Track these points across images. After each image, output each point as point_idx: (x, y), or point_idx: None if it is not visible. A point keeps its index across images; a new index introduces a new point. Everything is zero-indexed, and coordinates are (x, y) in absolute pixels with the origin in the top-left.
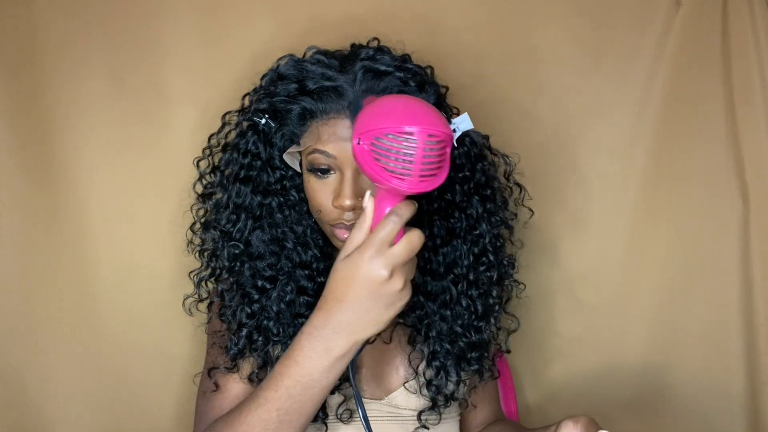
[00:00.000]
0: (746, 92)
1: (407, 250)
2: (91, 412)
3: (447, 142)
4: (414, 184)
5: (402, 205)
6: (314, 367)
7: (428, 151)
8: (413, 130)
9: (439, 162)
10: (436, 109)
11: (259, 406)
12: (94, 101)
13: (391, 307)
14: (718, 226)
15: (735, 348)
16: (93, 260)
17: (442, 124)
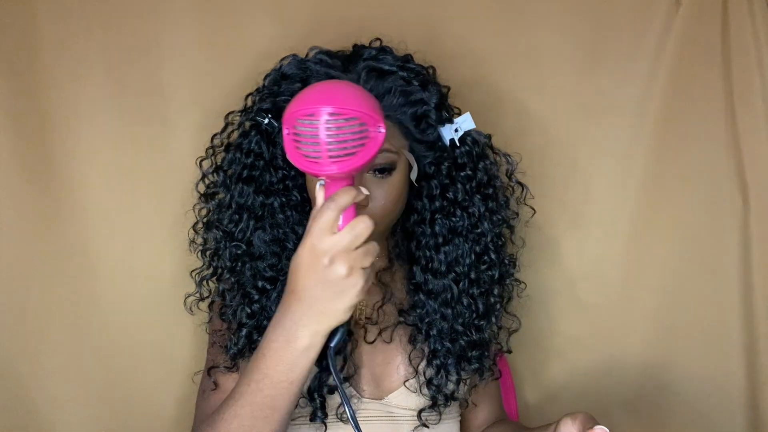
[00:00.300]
0: (746, 92)
1: (349, 237)
2: (91, 411)
3: (365, 119)
4: (326, 166)
5: (340, 191)
6: (280, 359)
7: (333, 130)
8: (313, 110)
9: (356, 140)
10: (359, 89)
11: (234, 402)
12: (94, 101)
13: (343, 295)
14: (718, 226)
15: (735, 348)
16: (93, 260)
17: (354, 103)
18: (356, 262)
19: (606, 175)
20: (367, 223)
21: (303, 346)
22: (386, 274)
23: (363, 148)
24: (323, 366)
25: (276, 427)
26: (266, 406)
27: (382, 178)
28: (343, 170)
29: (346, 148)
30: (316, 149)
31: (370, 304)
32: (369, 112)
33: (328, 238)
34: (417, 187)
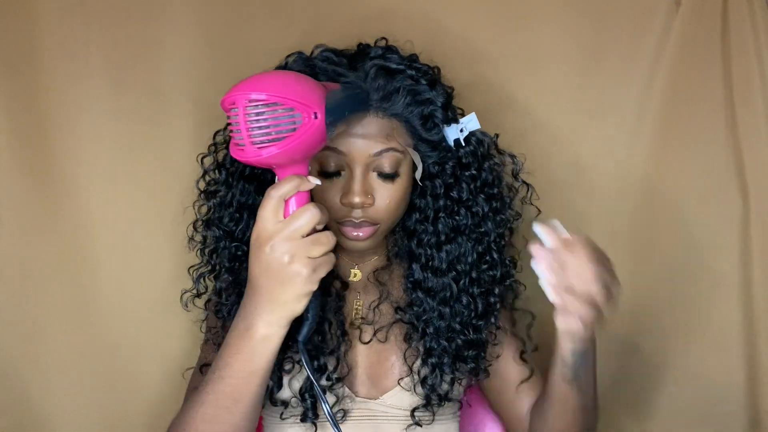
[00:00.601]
0: (746, 92)
1: (293, 225)
2: (90, 411)
3: (293, 105)
4: (252, 153)
5: (283, 180)
6: (239, 349)
7: (252, 117)
8: (234, 99)
9: (278, 127)
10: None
11: (201, 390)
12: (94, 101)
13: (287, 284)
14: (718, 226)
15: (735, 348)
16: (92, 260)
17: (278, 88)
18: (300, 251)
19: (606, 176)
20: (312, 212)
21: (260, 336)
22: (384, 273)
23: (293, 133)
24: (315, 366)
25: (238, 419)
26: (228, 396)
27: (387, 177)
28: (270, 156)
29: (270, 134)
30: (241, 136)
31: (367, 304)
32: (298, 99)
33: (270, 225)
34: (420, 186)
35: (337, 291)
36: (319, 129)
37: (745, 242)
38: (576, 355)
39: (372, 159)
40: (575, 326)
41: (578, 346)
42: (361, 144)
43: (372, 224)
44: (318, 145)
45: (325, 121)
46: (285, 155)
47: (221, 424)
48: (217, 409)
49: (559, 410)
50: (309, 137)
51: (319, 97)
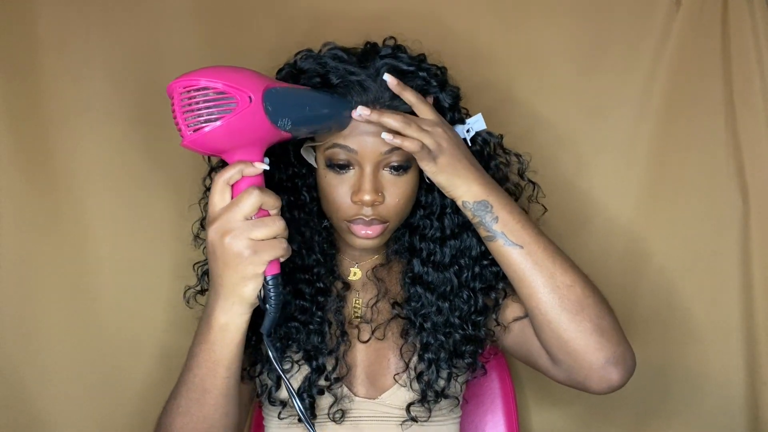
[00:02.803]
0: (746, 92)
1: (234, 208)
2: (91, 411)
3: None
4: (188, 138)
5: (227, 167)
6: (202, 339)
7: (186, 101)
8: (169, 89)
9: (210, 109)
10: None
11: (176, 382)
12: (94, 101)
13: (231, 266)
14: (718, 226)
15: (735, 348)
16: (92, 260)
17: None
18: (240, 232)
19: (606, 175)
20: (254, 194)
21: (218, 325)
22: (382, 270)
23: (230, 114)
24: (314, 367)
25: (210, 411)
26: (196, 387)
27: (398, 175)
28: (206, 138)
29: (201, 116)
30: (178, 123)
31: (365, 302)
32: (230, 83)
33: (216, 210)
34: (427, 183)
35: (338, 291)
36: (255, 112)
37: (745, 242)
38: (469, 209)
39: (383, 157)
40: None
41: (464, 198)
42: (371, 142)
43: (382, 222)
44: (262, 130)
45: (263, 105)
46: (221, 138)
47: (193, 416)
48: (189, 401)
49: (517, 281)
50: (244, 119)
51: (256, 83)
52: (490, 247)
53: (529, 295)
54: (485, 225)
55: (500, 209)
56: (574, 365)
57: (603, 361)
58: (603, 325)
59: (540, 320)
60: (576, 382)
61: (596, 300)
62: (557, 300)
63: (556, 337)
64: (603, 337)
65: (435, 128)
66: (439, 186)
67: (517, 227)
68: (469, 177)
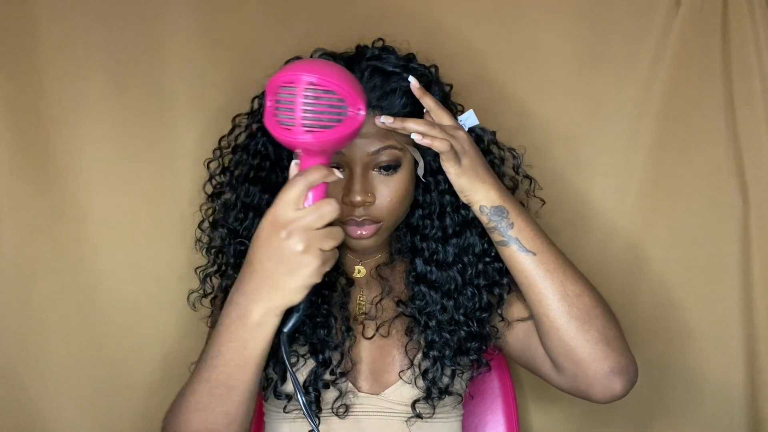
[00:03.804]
0: (746, 92)
1: (313, 215)
2: (91, 412)
3: (344, 96)
4: (299, 134)
5: (312, 168)
6: (231, 336)
7: (309, 99)
8: (293, 78)
9: (332, 114)
10: (345, 71)
11: (193, 378)
12: (94, 101)
13: (295, 273)
14: (718, 226)
15: (735, 348)
16: (93, 260)
17: (336, 78)
18: (314, 242)
19: (606, 175)
20: (334, 206)
21: (254, 323)
22: (386, 269)
23: (339, 124)
24: (320, 360)
25: (233, 407)
26: (221, 384)
27: (387, 175)
28: (316, 141)
29: (321, 119)
30: (291, 116)
31: (369, 300)
32: (349, 91)
33: (290, 212)
34: (423, 183)
35: (342, 287)
36: (359, 125)
37: (745, 242)
38: (486, 213)
39: (371, 158)
40: (441, 146)
41: (482, 203)
42: (359, 143)
43: (374, 222)
44: (351, 140)
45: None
46: (325, 144)
47: (214, 413)
48: (211, 398)
49: (527, 287)
50: (350, 131)
51: (364, 94)
52: (502, 252)
53: (539, 301)
54: (500, 230)
55: (516, 216)
56: (578, 373)
57: (607, 370)
58: (609, 335)
59: (547, 327)
60: (579, 391)
61: (603, 310)
62: (566, 308)
63: (563, 344)
64: (608, 347)
65: (457, 132)
66: (459, 189)
67: (531, 235)
68: (488, 182)
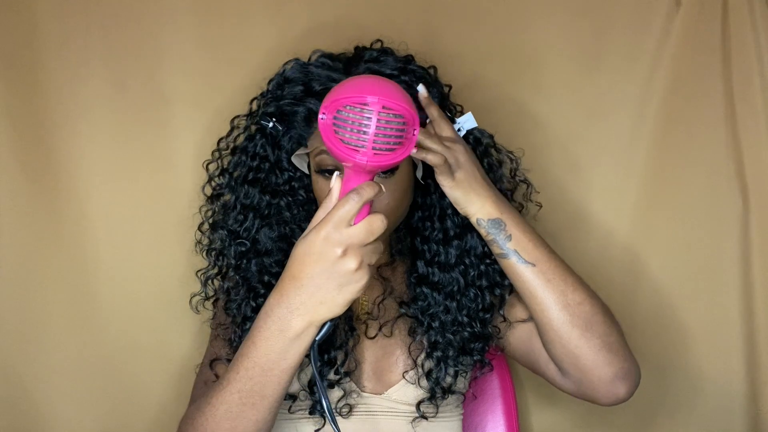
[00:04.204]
0: (746, 92)
1: (365, 232)
2: (91, 412)
3: (408, 120)
4: (368, 157)
5: (365, 185)
6: (270, 348)
7: (383, 123)
8: (369, 100)
9: (398, 138)
10: (402, 90)
11: (222, 388)
12: (94, 101)
13: (345, 288)
14: (718, 226)
15: (735, 348)
16: (93, 260)
17: (404, 101)
18: (366, 258)
19: (606, 176)
20: (383, 221)
21: (294, 335)
22: (387, 269)
23: (401, 147)
24: (323, 360)
25: (264, 415)
26: (255, 393)
27: (386, 177)
28: (383, 163)
29: (389, 143)
30: (362, 138)
31: (371, 300)
32: (412, 113)
33: (345, 229)
34: (424, 185)
35: None
36: (415, 144)
37: (745, 242)
38: (484, 226)
39: None
40: (435, 159)
41: (479, 215)
42: None
43: None
44: None
45: None
46: (388, 165)
47: (246, 420)
48: (243, 407)
49: (529, 297)
50: (410, 151)
51: (418, 113)
52: (503, 264)
53: (541, 311)
54: (498, 243)
55: (513, 227)
56: (583, 379)
57: (611, 375)
58: (611, 341)
59: (551, 336)
60: (584, 395)
61: (605, 317)
62: (568, 317)
63: (567, 352)
64: (611, 353)
65: (454, 144)
66: (454, 201)
67: (529, 246)
68: (483, 194)
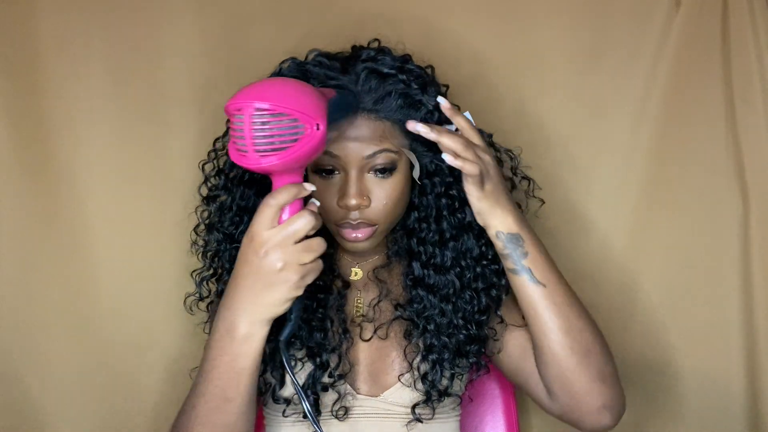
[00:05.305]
0: (746, 92)
1: (285, 232)
2: (91, 412)
3: (300, 116)
4: (254, 160)
5: (281, 189)
6: (223, 350)
7: (257, 126)
8: (241, 105)
9: (288, 136)
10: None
11: (191, 394)
12: (94, 101)
13: (274, 288)
14: (718, 226)
15: (735, 348)
16: (93, 260)
17: (284, 98)
18: (292, 257)
19: (606, 176)
20: (307, 218)
21: (242, 336)
22: (383, 271)
23: (295, 144)
24: (317, 363)
25: (233, 419)
26: (217, 396)
27: (383, 178)
28: (271, 165)
29: (273, 143)
30: (244, 142)
31: (367, 302)
32: (303, 109)
33: (265, 231)
34: (420, 185)
35: (338, 289)
36: (321, 140)
37: (745, 242)
38: (502, 240)
39: (366, 161)
40: (472, 169)
41: (499, 228)
42: (354, 146)
43: (370, 225)
44: (317, 154)
45: (326, 131)
46: (286, 165)
47: (216, 425)
48: (209, 411)
49: (535, 318)
50: (310, 148)
51: (322, 108)
52: (512, 280)
53: (543, 333)
54: (513, 258)
55: (530, 245)
56: (572, 404)
57: (600, 405)
58: (605, 371)
59: (548, 358)
60: (569, 420)
61: (602, 347)
62: (569, 342)
63: (561, 376)
64: (604, 384)
65: (485, 155)
66: (477, 212)
67: (543, 266)
68: (507, 208)
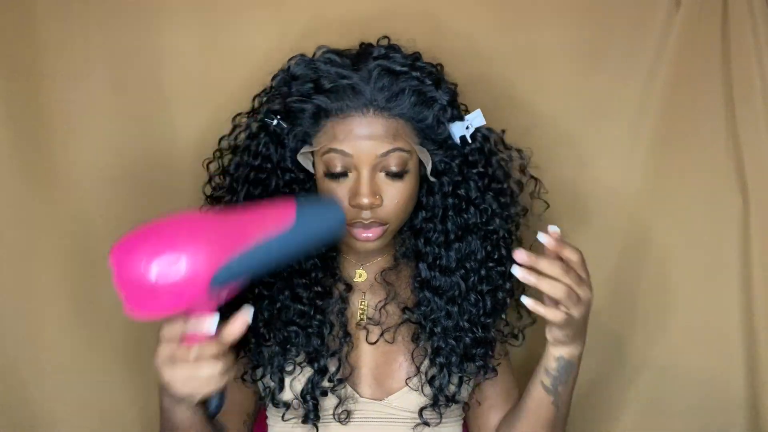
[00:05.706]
0: (746, 92)
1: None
2: (91, 412)
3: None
4: (135, 313)
5: (167, 326)
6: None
7: (115, 277)
8: (114, 260)
9: None
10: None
11: None
12: (94, 101)
13: (184, 395)
14: (718, 225)
15: (735, 348)
16: (93, 260)
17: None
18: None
19: (606, 174)
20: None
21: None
22: (391, 274)
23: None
24: (316, 368)
25: None
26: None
27: (395, 179)
28: (152, 313)
29: None
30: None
31: (373, 304)
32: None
33: (159, 345)
34: (428, 185)
35: (340, 293)
36: (201, 298)
37: (745, 242)
38: (560, 363)
39: (379, 160)
40: (559, 317)
41: (564, 354)
42: (367, 145)
43: (381, 224)
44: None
45: (208, 290)
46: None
47: None
48: None
49: (532, 421)
50: (190, 303)
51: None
52: (536, 389)
53: (529, 425)
54: (553, 380)
55: (574, 376)
56: None
57: None
58: None
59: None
60: None
61: None
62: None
63: None
64: None
65: (587, 293)
66: (554, 338)
67: (567, 396)
68: (582, 340)
